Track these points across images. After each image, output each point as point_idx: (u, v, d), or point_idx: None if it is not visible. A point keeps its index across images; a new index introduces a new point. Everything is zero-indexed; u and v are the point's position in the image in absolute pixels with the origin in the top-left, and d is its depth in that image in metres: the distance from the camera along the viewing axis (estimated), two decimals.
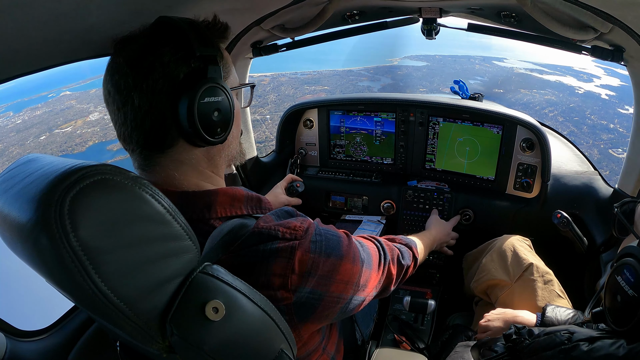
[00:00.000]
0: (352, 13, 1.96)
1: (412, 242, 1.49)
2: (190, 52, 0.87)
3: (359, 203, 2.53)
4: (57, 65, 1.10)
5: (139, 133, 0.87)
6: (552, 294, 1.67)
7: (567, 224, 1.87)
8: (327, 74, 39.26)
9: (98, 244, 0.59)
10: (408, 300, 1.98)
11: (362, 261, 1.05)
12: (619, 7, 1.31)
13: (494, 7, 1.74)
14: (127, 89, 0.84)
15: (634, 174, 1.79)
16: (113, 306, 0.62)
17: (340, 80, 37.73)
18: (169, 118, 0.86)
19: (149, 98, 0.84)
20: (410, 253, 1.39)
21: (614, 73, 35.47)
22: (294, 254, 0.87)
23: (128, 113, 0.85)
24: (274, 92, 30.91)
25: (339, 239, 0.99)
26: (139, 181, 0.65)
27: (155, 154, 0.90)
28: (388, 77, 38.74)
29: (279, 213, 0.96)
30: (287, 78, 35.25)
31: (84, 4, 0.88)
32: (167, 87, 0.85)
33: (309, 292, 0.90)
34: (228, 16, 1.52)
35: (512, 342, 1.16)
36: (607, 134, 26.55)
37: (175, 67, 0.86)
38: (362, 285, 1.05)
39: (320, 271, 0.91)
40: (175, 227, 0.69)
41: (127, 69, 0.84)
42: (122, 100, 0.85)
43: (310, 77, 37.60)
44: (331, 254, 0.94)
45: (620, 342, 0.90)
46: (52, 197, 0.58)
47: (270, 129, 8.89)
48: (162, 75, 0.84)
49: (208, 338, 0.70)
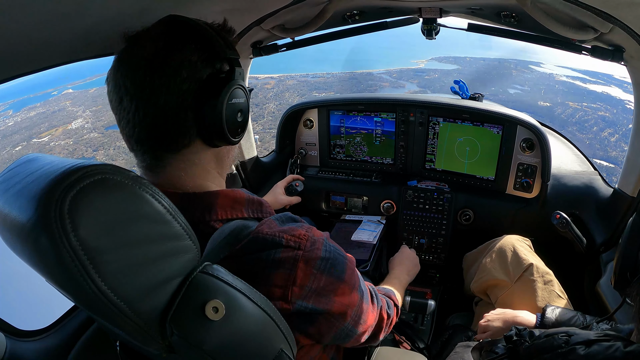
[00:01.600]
0: (352, 13, 1.96)
1: (390, 291, 1.50)
2: (215, 54, 0.88)
3: (359, 203, 2.53)
4: (58, 65, 1.10)
5: (158, 132, 0.86)
6: (552, 294, 1.67)
7: (566, 224, 1.88)
8: (342, 77, 34.34)
9: (98, 244, 0.59)
10: (408, 300, 1.97)
11: (361, 291, 1.03)
12: (618, 7, 1.31)
13: (494, 7, 1.74)
14: (150, 87, 0.83)
15: (634, 174, 1.79)
16: (113, 306, 0.62)
17: (357, 85, 33.19)
18: (192, 118, 0.86)
19: (175, 97, 0.84)
20: (392, 302, 1.38)
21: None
22: (297, 265, 0.86)
23: (149, 111, 0.84)
24: (276, 100, 27.03)
25: (345, 262, 0.98)
26: (139, 181, 0.65)
27: (169, 153, 0.90)
28: (413, 83, 34.01)
29: (283, 218, 0.95)
30: (296, 81, 31.32)
31: (84, 4, 0.88)
32: (193, 87, 0.85)
33: (309, 307, 0.89)
34: (228, 16, 1.52)
35: (513, 343, 1.16)
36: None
37: (202, 67, 0.86)
38: (360, 316, 1.03)
39: (322, 290, 0.90)
40: (175, 226, 0.69)
41: (150, 67, 0.83)
42: (144, 98, 0.83)
43: (323, 80, 33.12)
44: (336, 275, 0.92)
45: (617, 345, 0.90)
46: (52, 196, 0.58)
47: (260, 151, 8.11)
48: (189, 75, 0.84)
49: (208, 338, 0.70)
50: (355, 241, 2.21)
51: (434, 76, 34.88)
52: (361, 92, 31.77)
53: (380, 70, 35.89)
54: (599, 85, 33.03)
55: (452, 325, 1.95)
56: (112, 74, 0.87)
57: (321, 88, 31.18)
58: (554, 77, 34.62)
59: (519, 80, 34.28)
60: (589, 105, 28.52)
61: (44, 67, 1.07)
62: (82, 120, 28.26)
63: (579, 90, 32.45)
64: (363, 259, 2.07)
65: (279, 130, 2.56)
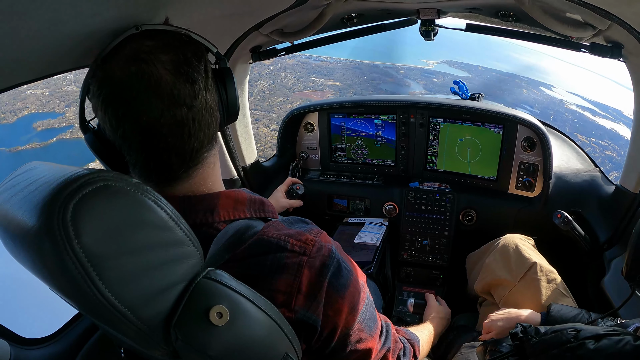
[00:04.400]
0: (351, 16, 1.96)
1: (416, 339, 1.36)
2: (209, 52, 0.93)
3: (361, 206, 2.52)
4: (58, 74, 1.10)
5: (203, 135, 0.87)
6: (556, 292, 1.66)
7: (568, 223, 1.87)
8: (346, 65, 31.48)
9: (101, 251, 0.59)
10: (412, 302, 1.98)
11: (364, 315, 0.99)
12: (617, 3, 1.31)
13: (492, 6, 1.74)
14: (192, 90, 0.84)
15: (635, 171, 1.79)
16: (117, 312, 0.62)
17: (361, 76, 30.10)
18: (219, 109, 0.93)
19: (212, 95, 0.89)
20: (412, 352, 1.27)
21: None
22: (301, 271, 0.85)
23: (196, 116, 0.85)
24: (270, 79, 24.05)
25: (351, 277, 0.95)
26: (141, 187, 0.65)
27: (194, 165, 0.89)
28: (420, 84, 31.33)
29: (292, 219, 0.94)
30: (296, 61, 28.08)
31: (81, 11, 0.88)
32: (212, 82, 0.90)
33: (312, 319, 0.87)
34: (227, 21, 1.53)
35: (519, 340, 1.15)
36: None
37: (208, 64, 0.91)
38: (356, 342, 0.98)
39: (329, 301, 0.88)
40: (178, 232, 0.68)
41: (187, 68, 0.84)
42: (188, 104, 0.83)
43: (325, 65, 30.15)
44: (337, 287, 0.90)
45: (627, 339, 0.90)
46: (55, 204, 0.58)
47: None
48: (207, 72, 0.89)
49: (212, 343, 0.70)
50: (358, 244, 2.21)
51: (442, 80, 32.37)
52: (362, 84, 27.26)
53: (387, 64, 32.83)
54: (608, 121, 31.26)
55: (456, 326, 1.94)
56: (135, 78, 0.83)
57: (321, 73, 28.87)
58: (563, 104, 32.40)
59: (529, 100, 32.02)
60: (596, 141, 26.85)
61: (45, 76, 1.07)
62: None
63: (587, 123, 30.62)
64: (366, 261, 2.06)
65: (280, 134, 2.56)
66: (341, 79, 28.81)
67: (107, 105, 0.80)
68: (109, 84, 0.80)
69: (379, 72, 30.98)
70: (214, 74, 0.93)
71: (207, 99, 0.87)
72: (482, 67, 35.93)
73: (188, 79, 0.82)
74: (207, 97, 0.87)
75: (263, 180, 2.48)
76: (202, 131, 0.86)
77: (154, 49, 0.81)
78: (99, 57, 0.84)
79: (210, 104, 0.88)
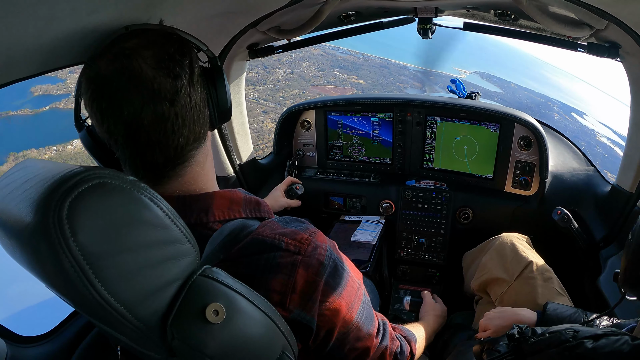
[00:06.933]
0: (348, 14, 1.96)
1: (413, 336, 1.37)
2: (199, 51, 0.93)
3: (358, 203, 2.53)
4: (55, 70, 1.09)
5: (188, 132, 0.87)
6: (552, 291, 1.67)
7: (568, 220, 1.88)
8: (373, 62, 28.87)
9: (97, 249, 0.59)
10: (408, 300, 1.98)
11: (361, 314, 1.00)
12: (614, 3, 1.31)
13: (490, 5, 1.74)
14: (174, 85, 0.83)
15: (631, 170, 1.80)
16: (114, 310, 0.62)
17: (388, 77, 27.66)
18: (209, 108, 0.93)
19: (198, 92, 0.88)
20: (409, 349, 1.28)
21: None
22: (296, 270, 0.85)
23: (180, 111, 0.84)
24: (289, 67, 22.07)
25: (347, 277, 0.95)
26: (137, 185, 0.65)
27: (180, 163, 0.89)
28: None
29: (288, 219, 0.94)
30: (322, 52, 25.61)
31: (77, 9, 0.87)
32: (200, 80, 0.90)
33: (306, 318, 0.87)
34: (223, 18, 1.52)
35: (516, 341, 1.16)
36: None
37: (195, 60, 0.90)
38: (355, 340, 0.99)
39: (326, 301, 0.88)
40: (175, 230, 0.68)
41: (169, 63, 0.83)
42: (169, 99, 0.82)
43: (352, 59, 27.57)
44: (333, 287, 0.91)
45: (625, 338, 0.90)
46: (51, 202, 0.57)
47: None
48: (193, 68, 0.88)
49: (209, 341, 0.70)
50: (355, 242, 2.20)
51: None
52: (388, 85, 24.96)
53: (416, 67, 29.70)
54: None
55: (453, 324, 1.95)
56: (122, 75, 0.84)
57: (346, 67, 26.36)
58: (594, 135, 29.90)
59: (559, 126, 30.74)
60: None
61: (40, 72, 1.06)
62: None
63: (617, 159, 28.67)
64: (363, 259, 2.06)
65: (277, 132, 2.56)
66: (366, 76, 26.85)
67: (93, 100, 0.82)
68: (94, 80, 0.81)
69: (408, 75, 28.71)
70: (204, 72, 0.92)
71: (192, 95, 0.86)
72: (515, 85, 33.44)
73: (169, 74, 0.82)
74: (192, 93, 0.86)
75: (259, 178, 2.47)
76: (186, 127, 0.85)
77: (137, 46, 0.82)
78: (90, 57, 0.85)
79: (195, 100, 0.87)
